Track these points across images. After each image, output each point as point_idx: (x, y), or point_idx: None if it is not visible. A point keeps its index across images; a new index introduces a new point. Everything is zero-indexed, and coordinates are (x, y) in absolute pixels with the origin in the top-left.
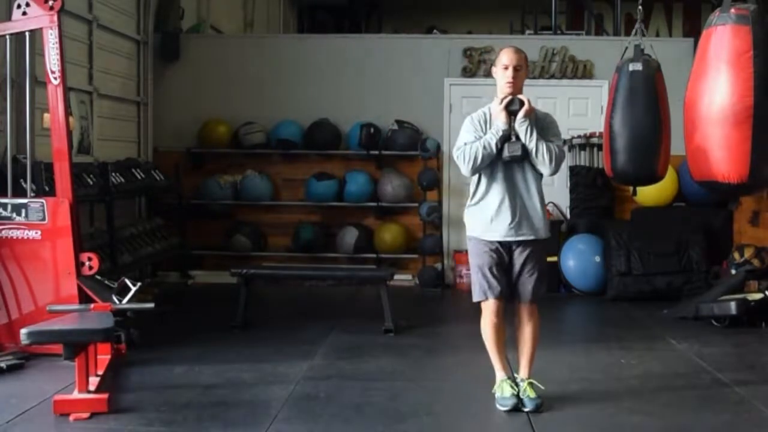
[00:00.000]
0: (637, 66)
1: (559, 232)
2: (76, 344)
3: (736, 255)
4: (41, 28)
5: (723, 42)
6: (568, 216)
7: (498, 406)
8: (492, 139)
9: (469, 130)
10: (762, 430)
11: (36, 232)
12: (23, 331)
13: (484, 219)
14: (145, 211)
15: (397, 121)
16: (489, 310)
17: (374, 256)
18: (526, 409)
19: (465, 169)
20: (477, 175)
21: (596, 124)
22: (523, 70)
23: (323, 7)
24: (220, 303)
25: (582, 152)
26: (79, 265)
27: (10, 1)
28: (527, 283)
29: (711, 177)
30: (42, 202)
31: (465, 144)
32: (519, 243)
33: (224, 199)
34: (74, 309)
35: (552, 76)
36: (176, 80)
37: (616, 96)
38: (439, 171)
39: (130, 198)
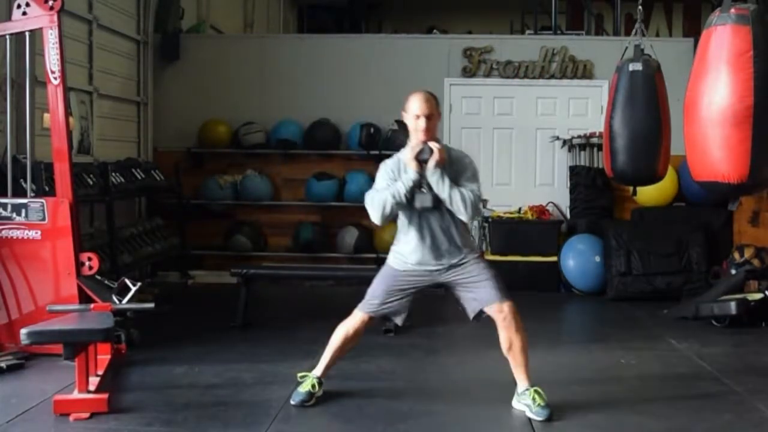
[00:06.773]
0: (637, 66)
1: (559, 232)
2: (76, 344)
3: (736, 255)
4: (41, 28)
5: (723, 42)
6: (568, 216)
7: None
8: (402, 188)
9: (384, 177)
10: (762, 430)
11: (36, 232)
12: (23, 331)
13: (402, 259)
14: (145, 211)
15: (397, 121)
16: (356, 318)
17: (374, 256)
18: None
19: (374, 216)
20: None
21: (596, 124)
22: (434, 118)
23: (323, 7)
24: (220, 303)
25: (582, 152)
26: (79, 265)
27: (10, 1)
28: (484, 288)
29: (711, 177)
30: (42, 202)
31: (376, 191)
32: (442, 268)
33: (224, 199)
34: (74, 309)
35: (552, 76)
36: (176, 80)
37: (616, 96)
38: None
39: (130, 198)
